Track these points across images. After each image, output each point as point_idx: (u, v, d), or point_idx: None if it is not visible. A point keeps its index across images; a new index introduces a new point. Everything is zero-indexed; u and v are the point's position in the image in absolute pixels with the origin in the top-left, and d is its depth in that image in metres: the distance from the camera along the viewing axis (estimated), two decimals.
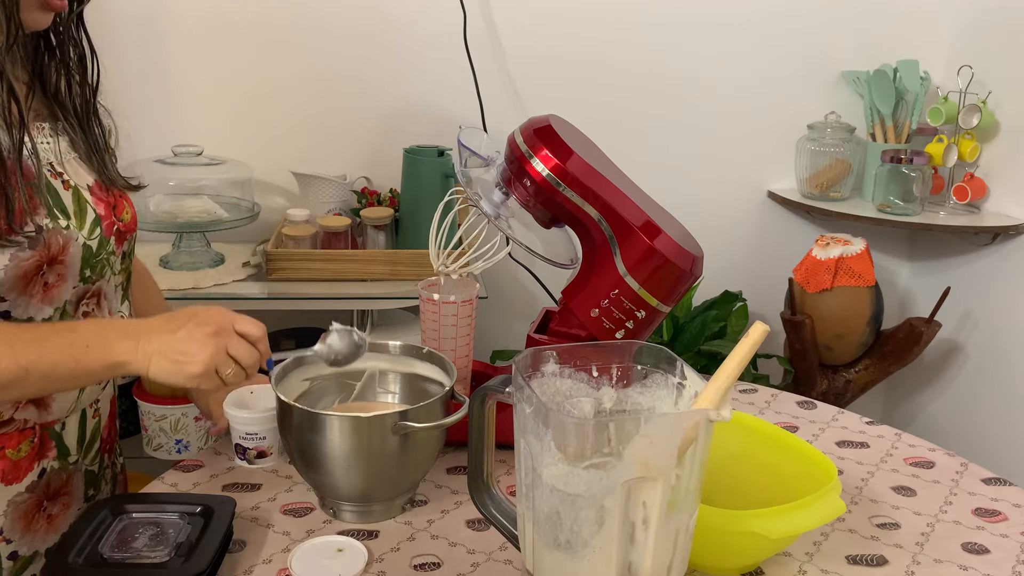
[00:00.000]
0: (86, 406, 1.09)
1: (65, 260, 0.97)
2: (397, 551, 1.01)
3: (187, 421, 1.84)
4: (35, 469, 1.02)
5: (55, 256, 0.96)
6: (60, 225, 0.96)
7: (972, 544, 1.05)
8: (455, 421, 1.03)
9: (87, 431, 1.09)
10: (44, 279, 0.96)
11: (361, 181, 2.16)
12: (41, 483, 1.03)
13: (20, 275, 0.94)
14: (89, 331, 0.95)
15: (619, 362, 0.88)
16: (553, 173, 1.13)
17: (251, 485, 1.13)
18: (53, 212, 0.96)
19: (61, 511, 1.06)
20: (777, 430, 1.07)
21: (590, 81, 2.22)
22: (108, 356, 0.93)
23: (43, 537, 1.05)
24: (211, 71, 2.11)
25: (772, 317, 2.31)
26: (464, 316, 1.21)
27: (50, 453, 1.04)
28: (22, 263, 0.93)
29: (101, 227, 1.02)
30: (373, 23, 2.12)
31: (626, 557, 0.78)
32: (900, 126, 2.27)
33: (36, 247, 0.94)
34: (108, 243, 1.04)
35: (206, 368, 0.95)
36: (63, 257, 0.97)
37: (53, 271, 0.97)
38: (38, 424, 1.02)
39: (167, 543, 0.93)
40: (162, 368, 0.94)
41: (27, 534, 1.03)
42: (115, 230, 1.05)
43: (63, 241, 0.97)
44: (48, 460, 1.04)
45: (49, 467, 1.04)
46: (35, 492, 1.03)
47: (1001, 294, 2.16)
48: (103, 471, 1.15)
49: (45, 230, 0.94)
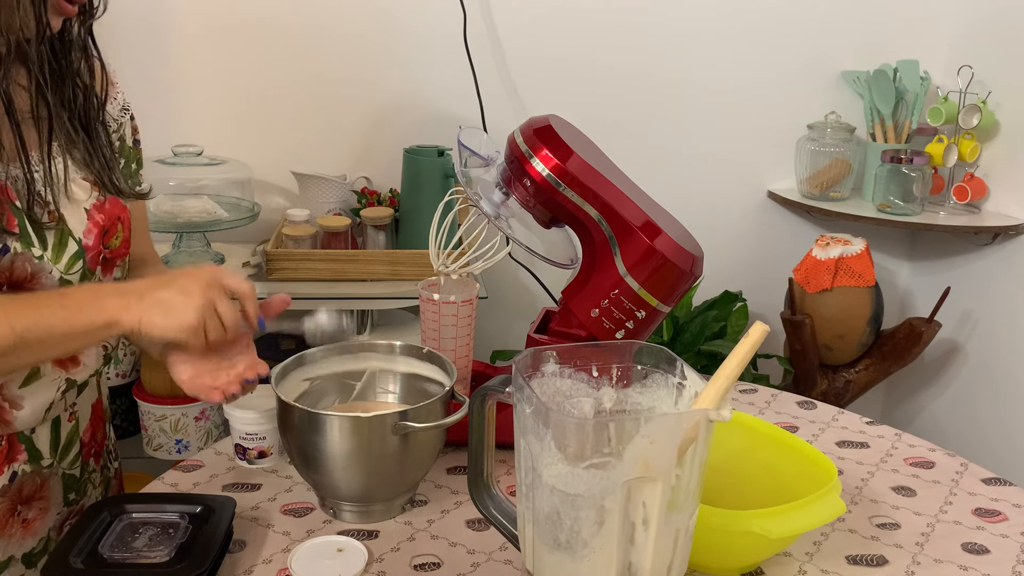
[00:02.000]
0: (60, 413, 1.06)
1: (33, 288, 0.96)
2: (397, 551, 1.01)
3: (187, 421, 1.84)
4: (5, 473, 1.00)
5: (18, 281, 0.95)
6: (33, 253, 0.95)
7: (972, 544, 1.05)
8: (455, 421, 1.03)
9: (61, 435, 1.07)
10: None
11: (361, 181, 2.16)
12: (13, 487, 1.01)
13: None
14: (82, 293, 0.94)
15: (619, 362, 0.88)
16: (553, 173, 1.13)
17: (251, 485, 1.13)
18: (28, 239, 0.95)
19: (38, 515, 1.05)
20: (777, 430, 1.07)
21: (590, 81, 2.22)
22: (102, 315, 0.91)
23: (19, 542, 1.03)
24: (211, 71, 2.11)
25: (772, 317, 2.31)
26: (464, 316, 1.21)
27: (20, 456, 1.02)
28: None
29: (84, 259, 1.01)
30: (373, 23, 2.12)
31: (626, 557, 0.78)
32: (900, 126, 2.27)
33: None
34: (94, 275, 1.03)
35: (197, 318, 0.92)
36: (31, 285, 0.96)
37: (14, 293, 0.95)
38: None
39: (167, 543, 0.93)
40: (153, 321, 0.91)
41: (1, 539, 1.01)
42: (101, 259, 1.03)
43: (32, 270, 0.95)
44: (19, 464, 1.02)
45: (20, 471, 1.02)
46: (7, 496, 1.01)
47: (1001, 294, 2.16)
48: (88, 475, 1.12)
49: (12, 252, 0.93)
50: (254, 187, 2.05)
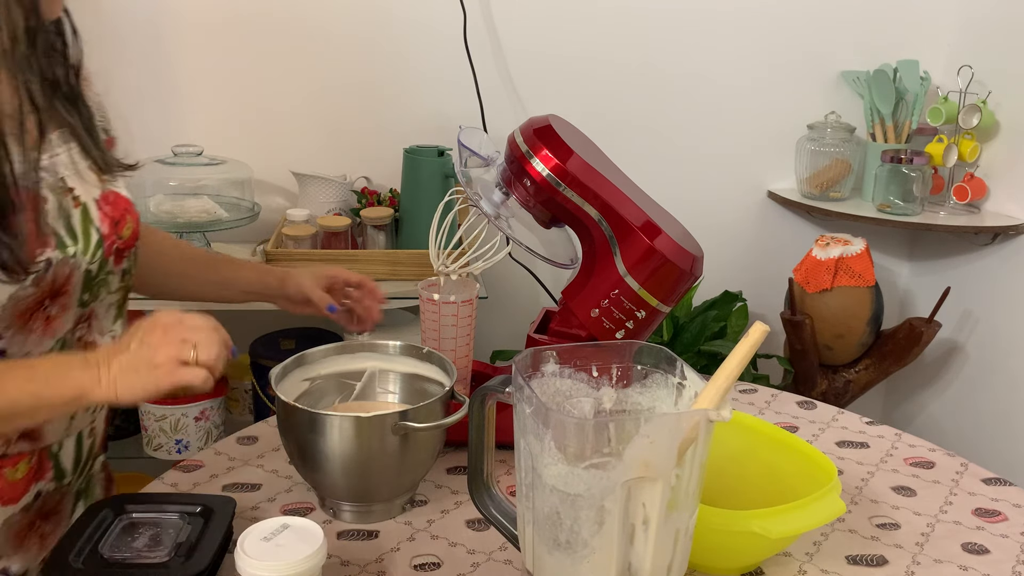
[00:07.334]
0: (82, 428, 1.06)
1: (69, 290, 0.95)
2: (397, 551, 1.01)
3: (187, 421, 1.85)
4: (31, 491, 1.01)
5: (59, 288, 0.93)
6: (68, 253, 0.93)
7: (972, 544, 1.05)
8: (455, 421, 1.03)
9: (83, 452, 1.07)
10: (46, 313, 0.94)
11: (361, 181, 2.16)
12: (35, 504, 1.02)
13: (18, 313, 0.91)
14: (48, 366, 0.90)
15: (619, 362, 0.88)
16: (553, 173, 1.13)
17: (251, 485, 1.13)
18: (62, 241, 0.93)
19: (52, 530, 1.06)
20: (777, 430, 1.07)
21: (590, 81, 2.22)
22: (68, 389, 0.87)
23: (36, 555, 1.04)
24: (211, 71, 2.11)
25: (772, 317, 2.31)
26: (464, 316, 1.21)
27: (47, 475, 1.03)
28: (20, 302, 0.90)
29: (103, 248, 0.99)
30: (373, 23, 2.12)
31: (626, 557, 0.78)
32: (900, 126, 2.27)
33: (39, 283, 0.90)
34: (107, 263, 1.01)
35: (169, 363, 0.87)
36: (67, 287, 0.94)
37: (56, 303, 0.94)
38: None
39: (167, 543, 0.93)
40: (130, 384, 0.87)
41: (19, 552, 1.02)
42: (114, 249, 1.02)
43: (68, 271, 0.94)
44: (44, 482, 1.03)
45: (44, 489, 1.03)
46: (29, 512, 1.02)
47: (1001, 294, 2.16)
48: (91, 487, 1.13)
49: (54, 262, 0.91)
50: (254, 187, 2.05)
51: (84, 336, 1.01)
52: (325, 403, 1.14)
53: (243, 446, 1.23)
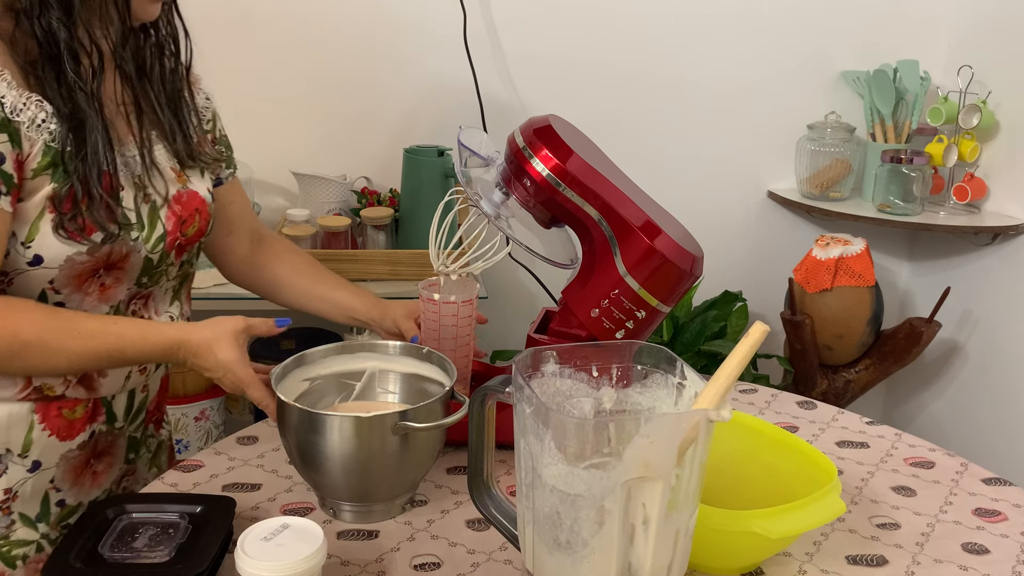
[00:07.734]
0: (135, 386, 1.16)
1: (125, 267, 1.06)
2: (397, 551, 1.01)
3: (187, 421, 1.85)
4: (87, 430, 1.11)
5: (114, 262, 1.04)
6: (130, 236, 1.04)
7: (972, 544, 1.05)
8: (455, 421, 1.03)
9: (135, 403, 1.18)
10: (100, 280, 1.05)
11: (361, 181, 2.16)
12: (90, 443, 1.12)
13: (74, 275, 1.02)
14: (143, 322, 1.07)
15: (619, 362, 0.88)
16: (553, 173, 1.13)
17: (251, 485, 1.13)
18: (128, 224, 1.04)
19: (105, 469, 1.16)
20: (777, 430, 1.07)
21: (590, 81, 2.22)
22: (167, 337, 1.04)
23: (88, 490, 1.14)
24: (211, 71, 2.11)
25: (772, 317, 2.31)
26: (464, 316, 1.21)
27: (100, 418, 1.13)
28: (76, 266, 1.01)
29: (165, 243, 1.09)
30: (373, 23, 2.12)
31: (626, 557, 0.78)
32: (900, 126, 2.27)
33: (95, 253, 1.01)
34: (168, 256, 1.11)
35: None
36: (123, 264, 1.05)
37: (111, 275, 1.05)
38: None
39: (167, 543, 0.93)
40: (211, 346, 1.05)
41: (75, 486, 1.12)
42: (176, 244, 1.12)
43: (126, 250, 1.05)
44: (98, 424, 1.13)
45: (98, 430, 1.13)
46: (84, 450, 1.12)
47: (1001, 294, 2.16)
48: (146, 439, 1.23)
49: (113, 239, 1.02)
50: (254, 187, 2.05)
51: (139, 311, 1.12)
52: (325, 403, 1.14)
53: (243, 446, 1.23)
